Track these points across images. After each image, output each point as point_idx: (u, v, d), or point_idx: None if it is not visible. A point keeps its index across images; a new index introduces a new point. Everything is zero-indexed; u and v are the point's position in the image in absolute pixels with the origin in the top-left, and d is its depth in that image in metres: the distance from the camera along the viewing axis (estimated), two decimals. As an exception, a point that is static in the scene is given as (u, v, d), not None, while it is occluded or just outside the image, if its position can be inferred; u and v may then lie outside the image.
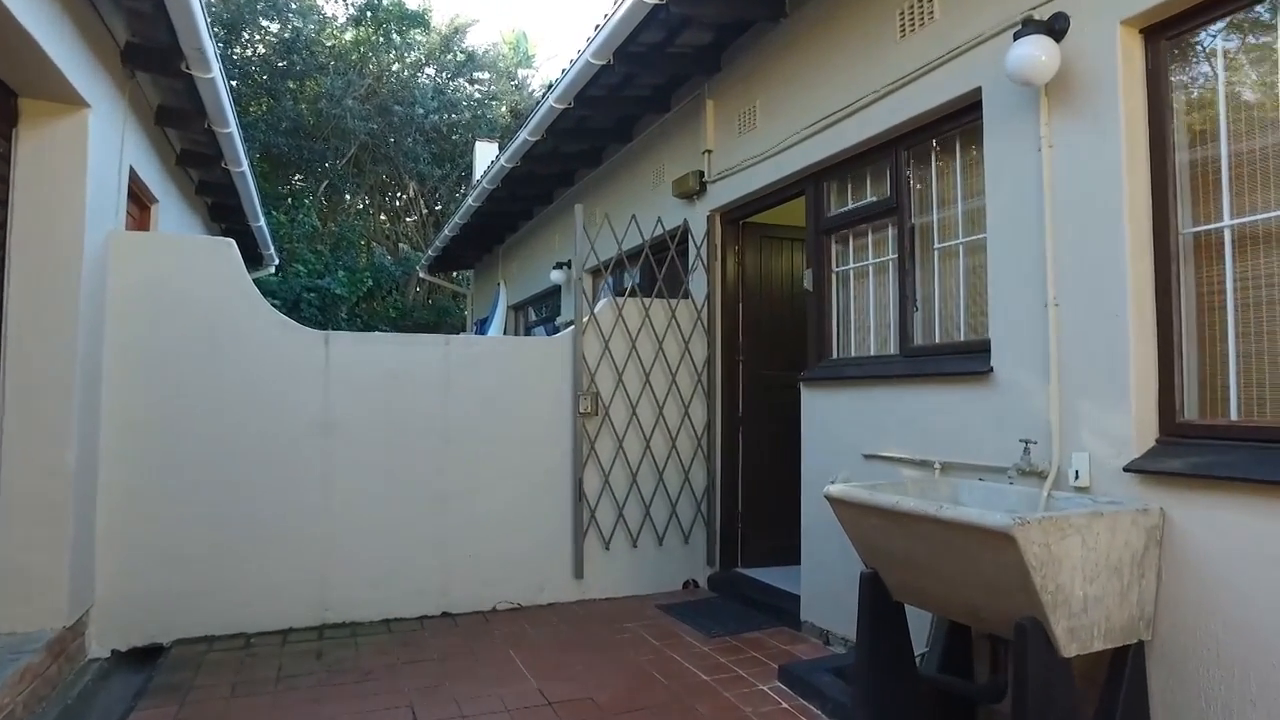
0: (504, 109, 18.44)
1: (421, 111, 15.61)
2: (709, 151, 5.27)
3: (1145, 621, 2.39)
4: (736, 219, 5.26)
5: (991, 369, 3.08)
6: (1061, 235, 2.80)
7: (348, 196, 17.62)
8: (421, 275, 13.54)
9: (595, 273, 6.72)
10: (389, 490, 4.46)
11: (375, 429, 4.44)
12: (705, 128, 5.28)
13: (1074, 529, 2.23)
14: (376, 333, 4.61)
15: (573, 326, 4.93)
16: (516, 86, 19.56)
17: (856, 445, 3.84)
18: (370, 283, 15.29)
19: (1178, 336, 2.54)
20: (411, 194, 17.55)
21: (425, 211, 18.26)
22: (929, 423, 3.40)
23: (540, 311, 10.08)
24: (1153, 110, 2.61)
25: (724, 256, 5.28)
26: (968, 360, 3.27)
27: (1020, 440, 2.82)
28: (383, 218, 19.11)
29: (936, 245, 3.63)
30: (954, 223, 3.54)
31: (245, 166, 5.84)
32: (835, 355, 4.27)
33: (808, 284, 4.38)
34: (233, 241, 4.23)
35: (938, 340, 3.59)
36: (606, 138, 6.62)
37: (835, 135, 4.06)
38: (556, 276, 8.22)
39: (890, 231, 3.93)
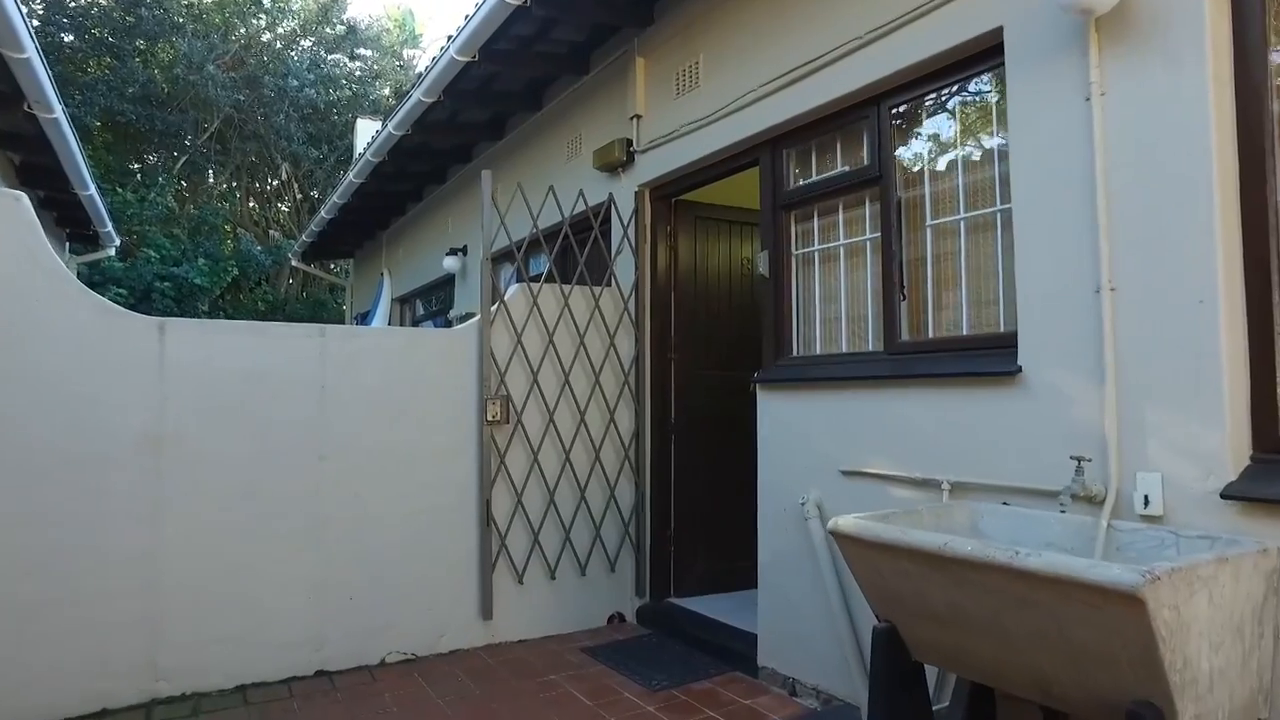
0: (387, 89, 17.13)
1: (295, 84, 14.15)
2: (638, 117, 4.57)
3: (1264, 694, 1.86)
4: (669, 196, 4.58)
5: (1019, 369, 2.52)
6: (1120, 204, 2.26)
7: (211, 176, 15.86)
8: (294, 264, 12.17)
9: (504, 258, 5.87)
10: (247, 519, 3.50)
11: (227, 443, 3.48)
12: (634, 89, 4.57)
13: (1201, 582, 1.66)
14: (230, 321, 3.57)
15: (477, 317, 4.11)
16: (401, 66, 18.25)
17: (830, 459, 3.23)
18: (235, 272, 13.70)
19: (1279, 329, 2.03)
20: (284, 177, 15.97)
21: (300, 197, 16.70)
22: (929, 433, 2.83)
23: (430, 305, 9.10)
24: (1243, 46, 2.10)
25: (654, 239, 4.59)
26: (982, 359, 2.71)
27: (1072, 458, 2.25)
28: (252, 203, 17.37)
29: (930, 222, 3.07)
30: (954, 195, 2.98)
31: (59, 113, 4.67)
32: (795, 352, 3.66)
33: (762, 268, 3.75)
34: (23, 196, 3.17)
35: (932, 335, 3.03)
36: (514, 103, 5.80)
37: (801, 93, 3.45)
38: (450, 264, 7.31)
39: (867, 207, 3.34)
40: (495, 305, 4.14)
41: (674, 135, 4.24)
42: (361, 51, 17.40)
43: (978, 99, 2.92)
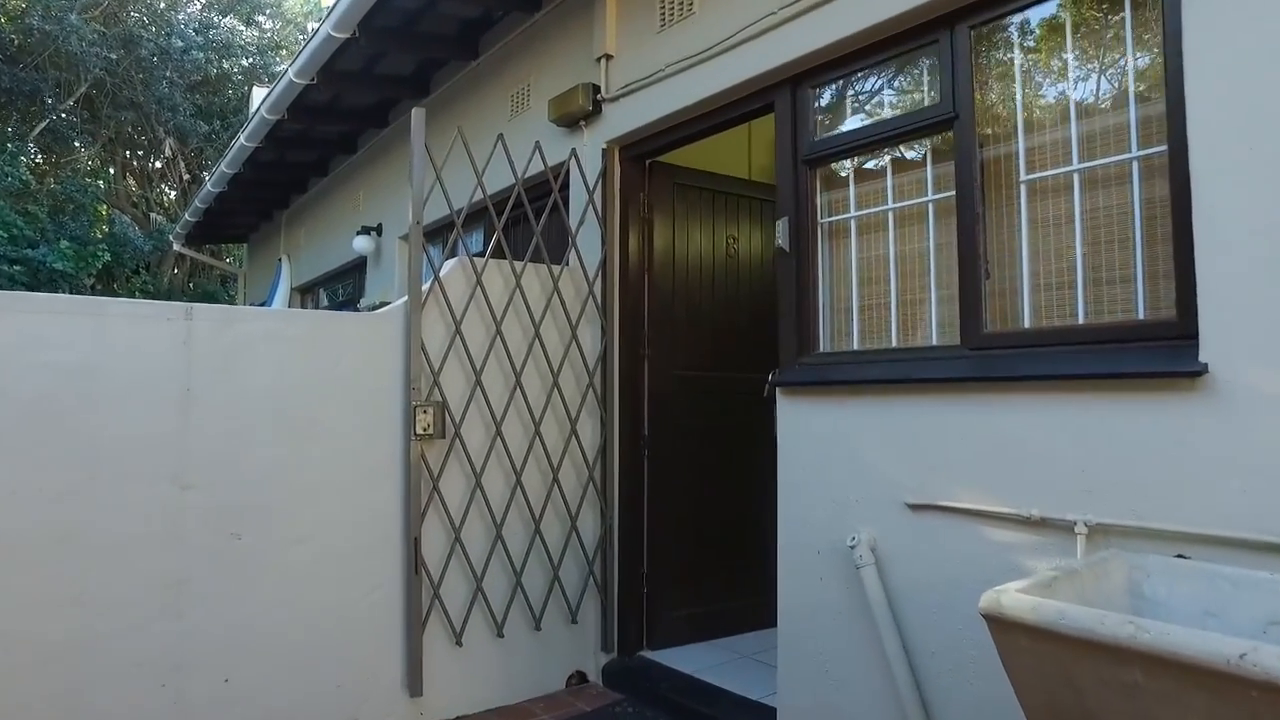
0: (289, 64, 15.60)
1: (180, 44, 12.56)
2: (607, 57, 3.70)
3: None
4: (644, 156, 3.74)
5: (1204, 368, 1.79)
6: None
7: (79, 148, 14.01)
8: (177, 248, 10.67)
9: (436, 235, 4.83)
10: (64, 579, 2.45)
11: (31, 469, 2.42)
12: (603, 22, 3.70)
13: None
14: (44, 294, 2.47)
15: (403, 299, 3.16)
16: (305, 38, 16.72)
17: (890, 487, 2.45)
18: (107, 258, 12.05)
19: None
20: (169, 154, 14.27)
21: (188, 177, 15.00)
22: (1051, 456, 2.07)
23: (337, 295, 7.95)
24: None
25: (624, 210, 3.73)
26: (1134, 355, 1.98)
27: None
28: (130, 181, 15.52)
29: (1025, 177, 2.33)
30: (1062, 140, 2.25)
31: None
32: (823, 347, 2.87)
33: (780, 240, 2.95)
34: None
35: (1029, 324, 2.29)
36: (445, 48, 4.83)
37: (837, 14, 2.67)
38: (361, 246, 6.25)
39: (930, 161, 2.59)
40: (428, 285, 3.19)
41: (656, 77, 3.39)
42: (261, 20, 15.82)
43: (1103, 8, 2.20)
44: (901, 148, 2.68)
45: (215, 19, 14.53)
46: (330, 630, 2.90)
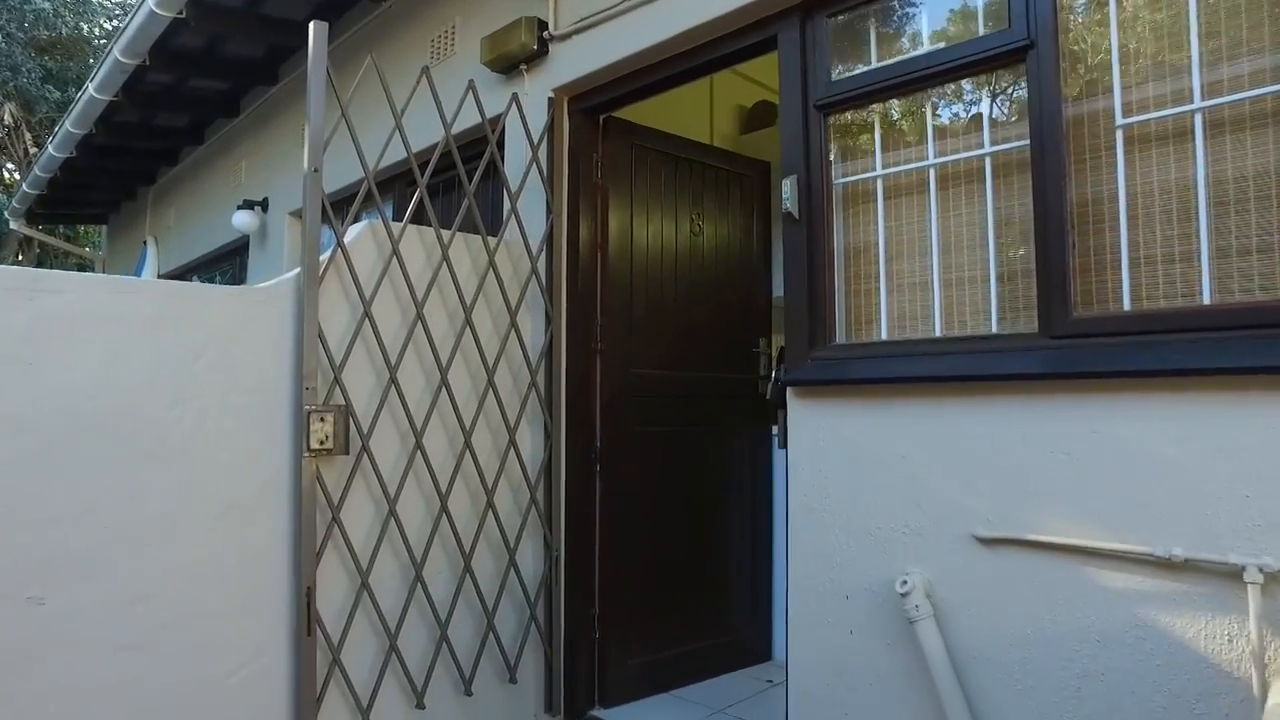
0: (163, 30, 14.06)
1: (24, -5, 11.00)
2: (556, -11, 3.05)
3: None
4: (598, 110, 3.10)
5: None
6: None
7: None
8: (15, 226, 9.18)
9: (341, 208, 3.96)
10: None
11: None
12: (553, -55, 3.05)
13: None
14: None
15: (295, 271, 2.40)
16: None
17: (951, 513, 1.91)
18: (-69, 239, 10.38)
19: None
20: (10, 121, 12.51)
21: (34, 150, 13.22)
22: (1193, 477, 1.57)
23: (213, 282, 6.90)
24: None
25: (574, 173, 3.08)
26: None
27: None
28: (-36, 155, 13.59)
29: (1122, 121, 1.83)
30: (1178, 73, 1.76)
31: None
32: (843, 338, 2.31)
33: (787, 203, 2.37)
34: None
35: (1130, 307, 1.79)
36: (349, -17, 4.05)
37: (869, -82, 2.12)
38: (243, 223, 5.31)
39: (988, 102, 2.07)
40: (328, 255, 2.44)
41: (621, 6, 2.77)
42: (128, -21, 14.20)
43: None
44: (949, 87, 2.15)
45: (70, -29, 12.89)
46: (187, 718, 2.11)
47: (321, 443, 2.32)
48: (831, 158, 2.36)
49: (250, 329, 2.29)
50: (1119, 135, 1.84)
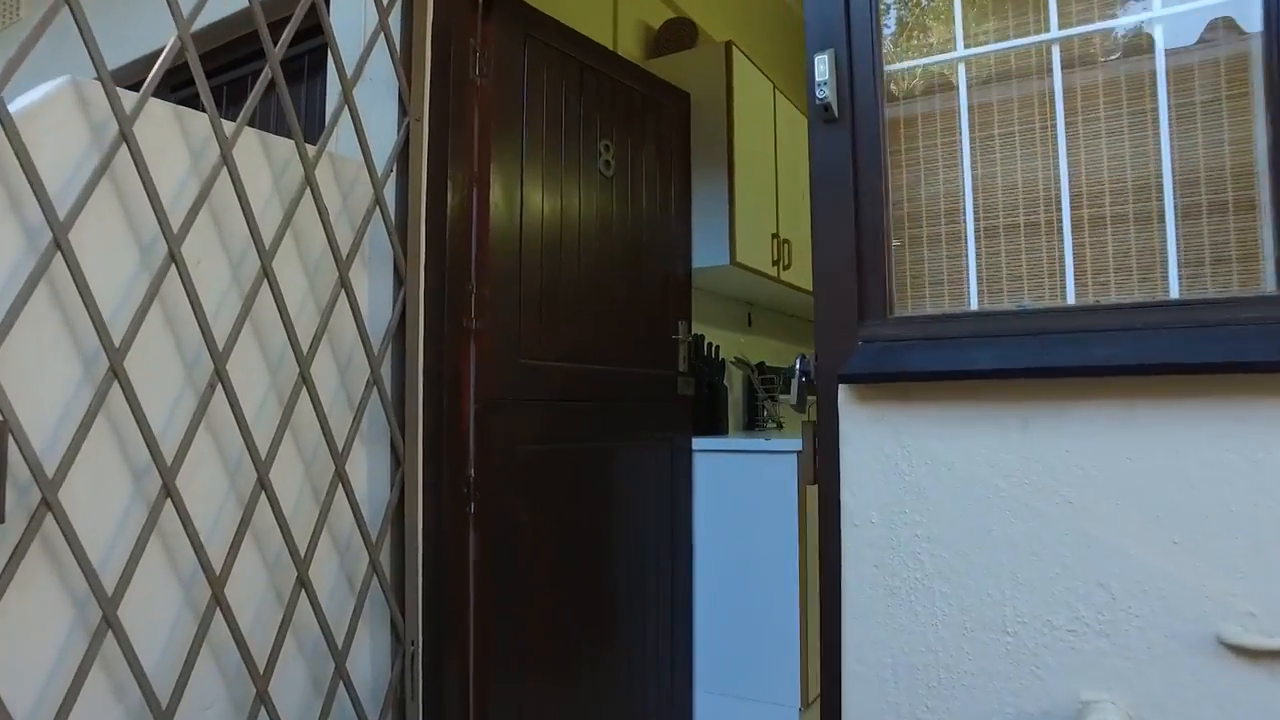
0: None
1: None
2: None
3: None
4: (480, -27, 2.07)
5: None
6: None
7: None
8: None
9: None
10: None
11: None
12: None
13: None
14: None
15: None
16: None
17: (1164, 599, 1.10)
18: None
19: None
20: None
21: None
22: None
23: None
24: None
25: (442, 65, 2.02)
26: None
27: None
28: None
29: None
30: None
31: None
32: (908, 306, 1.46)
33: (824, 93, 1.48)
34: None
35: None
36: None
37: None
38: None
39: (1179, -73, 1.30)
40: (-29, 124, 1.23)
41: None
42: None
43: None
44: (1107, -93, 1.36)
45: None
46: None
47: (-59, 499, 1.12)
48: (887, 25, 1.51)
49: None
50: None
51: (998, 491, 1.25)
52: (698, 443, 2.83)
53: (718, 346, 3.29)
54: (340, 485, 1.73)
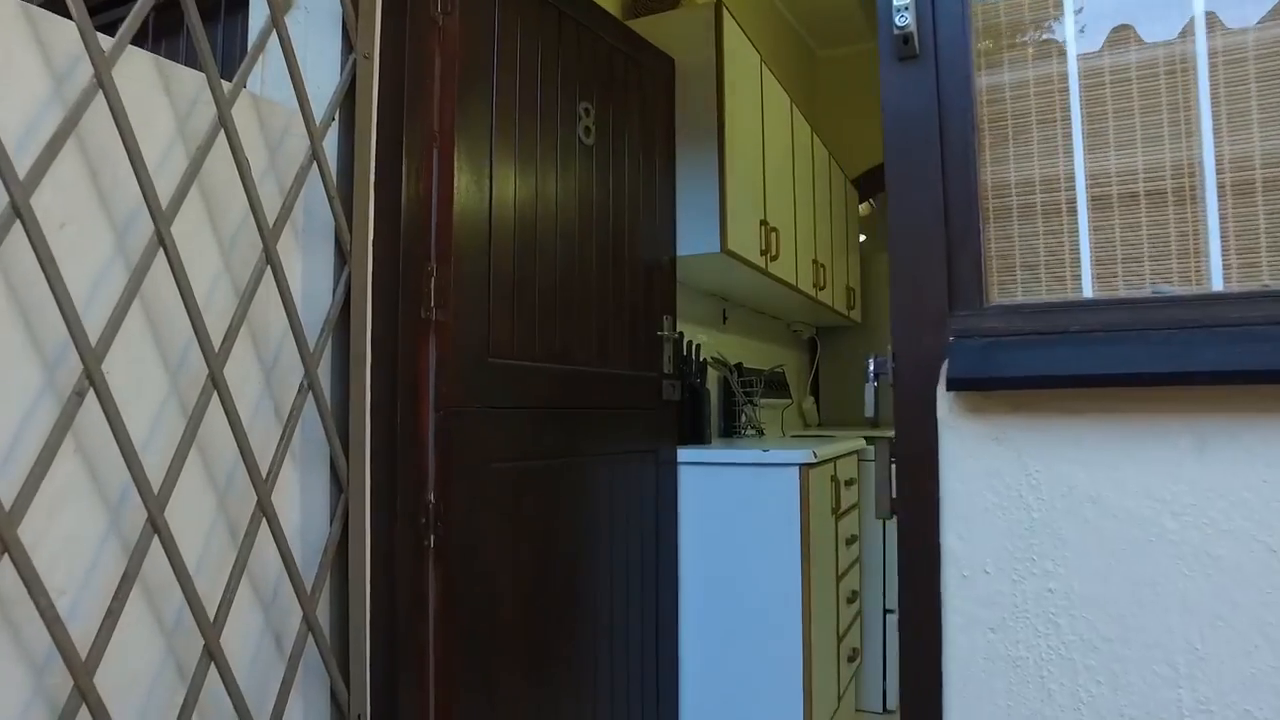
0: None
1: None
2: None
3: None
4: (444, -115, 1.68)
5: None
6: None
7: None
8: None
9: None
10: None
11: None
12: None
13: None
14: None
15: None
16: None
17: None
18: None
19: None
20: None
21: None
22: None
23: None
24: None
25: (405, 1, 1.64)
26: None
27: None
28: None
29: None
30: None
31: None
32: (997, 296, 1.15)
33: (905, 21, 1.16)
34: None
35: None
36: None
37: None
38: None
39: None
40: None
41: None
42: None
43: None
44: None
45: None
46: None
47: None
48: (986, -64, 1.19)
49: None
50: None
51: (1165, 534, 0.95)
52: (683, 454, 2.50)
53: (699, 345, 2.96)
54: (264, 521, 1.33)
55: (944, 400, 1.07)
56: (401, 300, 1.60)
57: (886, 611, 3.22)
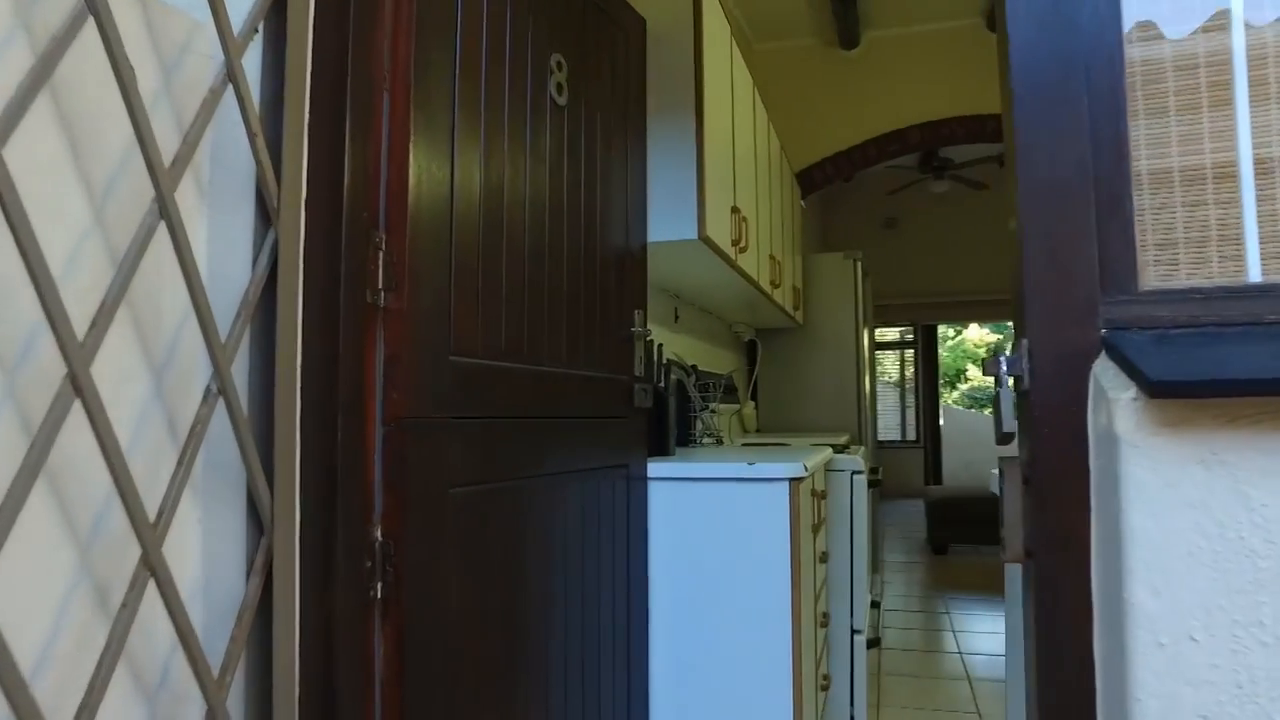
0: None
1: None
2: None
3: None
4: None
5: None
6: None
7: None
8: None
9: None
10: None
11: None
12: None
13: None
14: None
15: None
16: None
17: None
18: None
19: None
20: None
21: None
22: None
23: None
24: None
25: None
26: None
27: None
28: None
29: None
30: None
31: None
32: (1147, 280, 0.90)
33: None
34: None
35: None
36: None
37: None
38: None
39: None
40: None
41: None
42: None
43: None
44: None
45: None
46: None
47: None
48: None
49: None
50: None
51: None
52: (653, 468, 2.19)
53: (661, 345, 2.66)
54: (151, 580, 0.94)
55: (1126, 411, 0.80)
56: (344, 279, 1.23)
57: (854, 632, 3.01)
